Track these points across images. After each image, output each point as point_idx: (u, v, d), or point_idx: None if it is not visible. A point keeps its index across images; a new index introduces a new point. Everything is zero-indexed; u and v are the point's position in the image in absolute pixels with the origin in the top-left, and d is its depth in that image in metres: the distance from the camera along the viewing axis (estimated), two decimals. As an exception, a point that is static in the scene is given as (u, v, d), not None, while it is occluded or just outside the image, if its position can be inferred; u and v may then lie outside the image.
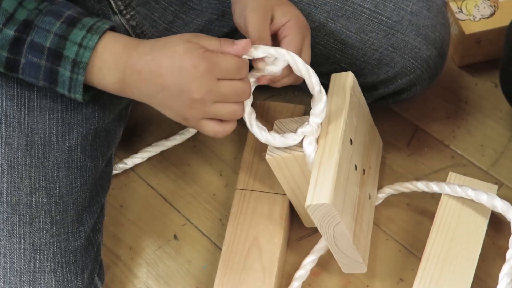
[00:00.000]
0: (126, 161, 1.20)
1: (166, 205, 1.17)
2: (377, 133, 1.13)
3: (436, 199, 1.07)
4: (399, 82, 1.09)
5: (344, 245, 0.95)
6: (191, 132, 1.22)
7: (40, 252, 0.95)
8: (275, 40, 0.95)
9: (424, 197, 1.12)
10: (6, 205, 0.95)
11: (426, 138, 1.20)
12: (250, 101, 0.94)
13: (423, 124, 1.22)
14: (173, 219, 1.15)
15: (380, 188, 1.11)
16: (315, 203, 0.90)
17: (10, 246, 0.95)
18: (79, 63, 0.90)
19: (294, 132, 0.95)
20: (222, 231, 1.11)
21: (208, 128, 0.92)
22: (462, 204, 1.04)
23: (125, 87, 0.92)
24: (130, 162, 1.20)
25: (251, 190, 1.09)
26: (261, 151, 1.12)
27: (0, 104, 0.98)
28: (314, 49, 1.00)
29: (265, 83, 0.95)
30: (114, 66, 0.91)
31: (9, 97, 0.98)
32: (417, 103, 1.23)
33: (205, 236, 1.13)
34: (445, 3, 1.12)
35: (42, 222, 0.96)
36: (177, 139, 1.22)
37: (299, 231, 1.11)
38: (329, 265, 1.07)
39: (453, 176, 1.08)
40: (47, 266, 0.95)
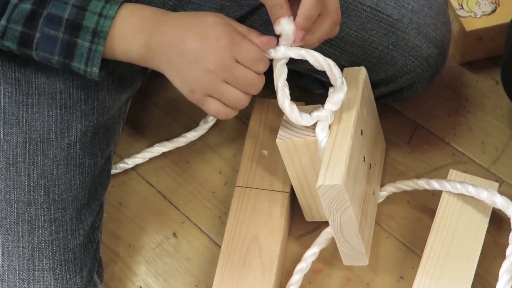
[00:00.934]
0: (127, 160, 1.19)
1: (165, 203, 1.17)
2: (381, 134, 1.13)
3: (436, 196, 1.07)
4: (399, 80, 1.09)
5: (350, 233, 0.95)
6: (194, 135, 1.21)
7: (38, 250, 0.95)
8: None
9: (424, 194, 1.12)
10: (4, 203, 0.95)
11: (426, 136, 1.20)
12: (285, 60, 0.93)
13: (424, 122, 1.21)
14: (172, 217, 1.15)
15: (381, 186, 1.10)
16: (327, 184, 0.89)
17: (9, 244, 0.94)
18: (99, 33, 0.90)
19: (309, 114, 0.96)
20: (221, 228, 1.11)
21: (211, 106, 0.92)
22: (463, 202, 1.04)
23: (148, 51, 0.92)
24: (131, 162, 1.19)
25: (251, 188, 1.08)
26: (260, 148, 1.12)
27: (-2, 101, 0.97)
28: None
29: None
30: (141, 30, 0.91)
31: (7, 93, 0.97)
32: (418, 101, 1.23)
33: (205, 234, 1.13)
34: (446, 1, 1.12)
35: (41, 220, 0.96)
36: (180, 141, 1.20)
37: (299, 229, 1.10)
38: (329, 263, 1.07)
39: (453, 173, 1.07)
40: (45, 264, 0.95)
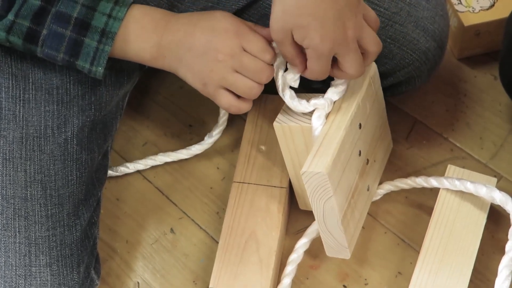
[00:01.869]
0: (128, 165, 1.18)
1: (162, 199, 1.16)
2: (389, 134, 1.12)
3: (434, 192, 1.07)
4: (398, 74, 1.08)
5: (332, 224, 0.95)
6: (199, 148, 1.19)
7: (35, 246, 0.95)
8: None
9: (422, 190, 1.12)
10: (1, 199, 0.95)
11: (425, 131, 1.20)
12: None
13: (422, 117, 1.21)
14: (170, 213, 1.15)
15: (379, 183, 1.10)
16: (311, 171, 0.90)
17: (5, 240, 0.94)
18: (108, 33, 0.92)
19: (308, 101, 0.96)
20: (219, 224, 1.11)
21: (224, 99, 0.94)
22: (461, 198, 1.04)
23: (160, 49, 0.94)
24: (132, 167, 1.18)
25: (249, 183, 1.08)
26: (258, 144, 1.12)
27: (-6, 96, 0.97)
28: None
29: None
30: (153, 30, 0.94)
31: (3, 89, 0.97)
32: (416, 96, 1.23)
33: (202, 230, 1.13)
34: (444, -5, 1.11)
35: (38, 215, 0.96)
36: (183, 153, 1.19)
37: (297, 225, 1.10)
38: (327, 259, 1.07)
39: (452, 168, 1.07)
40: (42, 260, 0.95)
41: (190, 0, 1.06)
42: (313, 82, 1.18)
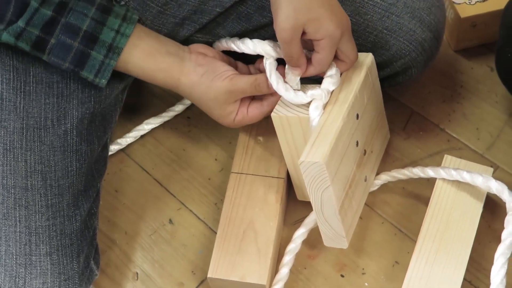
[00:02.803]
0: (119, 141, 1.20)
1: (161, 190, 1.17)
2: (386, 125, 1.13)
3: (431, 182, 1.08)
4: (394, 65, 1.09)
5: (330, 214, 0.95)
6: (177, 110, 1.24)
7: (35, 235, 0.95)
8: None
9: (419, 180, 1.12)
10: (1, 188, 0.95)
11: (422, 122, 1.20)
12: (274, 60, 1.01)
13: (419, 108, 1.22)
14: (168, 204, 1.15)
15: (376, 173, 1.10)
16: (309, 161, 0.90)
17: (6, 229, 0.95)
18: (115, 48, 0.95)
19: (305, 92, 0.98)
20: (217, 215, 1.11)
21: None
22: (457, 188, 1.05)
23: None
24: (123, 142, 1.20)
25: (246, 174, 1.09)
26: (256, 135, 1.12)
27: (-4, 88, 0.98)
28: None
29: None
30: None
31: (5, 80, 0.98)
32: (413, 87, 1.23)
33: (201, 221, 1.13)
34: (440, -15, 1.12)
35: (38, 205, 0.96)
36: (168, 115, 1.24)
37: (295, 215, 1.11)
38: (325, 249, 1.08)
39: (448, 159, 1.08)
40: (42, 249, 0.96)
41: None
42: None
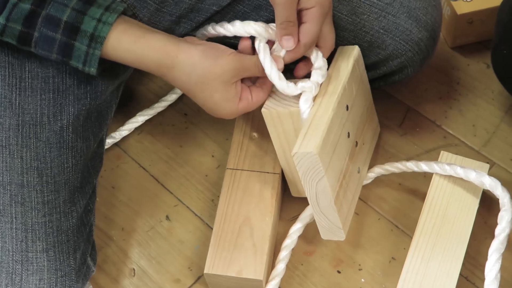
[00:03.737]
0: (113, 135, 1.20)
1: (158, 186, 1.17)
2: (375, 116, 1.13)
3: (428, 178, 1.08)
4: (390, 64, 1.09)
5: (326, 204, 0.95)
6: (170, 99, 1.25)
7: (32, 232, 0.95)
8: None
9: (416, 176, 1.13)
10: (-3, 185, 0.96)
11: (418, 119, 1.21)
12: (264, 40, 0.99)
13: (415, 105, 1.22)
14: (165, 200, 1.16)
15: (371, 167, 1.11)
16: (302, 151, 0.91)
17: (2, 226, 0.95)
18: (97, 38, 0.92)
19: (295, 84, 0.98)
20: (214, 211, 1.11)
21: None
22: (453, 184, 1.05)
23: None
24: (118, 135, 1.21)
25: (242, 170, 1.09)
26: (251, 131, 1.12)
27: (-10, 84, 0.98)
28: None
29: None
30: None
31: (0, 77, 0.98)
32: (410, 84, 1.23)
33: (197, 217, 1.13)
34: (436, -15, 1.12)
35: (34, 201, 0.96)
36: (161, 106, 1.24)
37: (291, 212, 1.11)
38: (322, 245, 1.08)
39: (444, 155, 1.08)
40: (39, 245, 0.96)
41: None
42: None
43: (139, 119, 1.22)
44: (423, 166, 1.06)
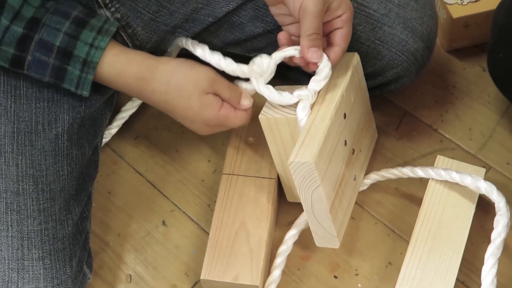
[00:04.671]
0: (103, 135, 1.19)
1: (154, 191, 1.17)
2: (373, 123, 1.13)
3: (424, 183, 1.08)
4: (386, 74, 1.09)
5: (321, 213, 0.95)
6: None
7: (28, 240, 0.95)
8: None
9: (412, 181, 1.12)
10: (-7, 193, 0.95)
11: (414, 123, 1.20)
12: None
13: (412, 109, 1.22)
14: (162, 205, 1.15)
15: (366, 173, 1.11)
16: (298, 161, 0.91)
17: (-3, 234, 0.95)
18: (90, 63, 0.93)
19: (291, 93, 0.97)
20: (210, 216, 1.11)
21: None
22: (449, 189, 1.05)
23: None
24: (107, 135, 1.19)
25: (238, 175, 1.09)
26: (247, 135, 1.12)
27: (-15, 92, 0.98)
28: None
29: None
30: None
31: (-5, 84, 0.98)
32: (406, 88, 1.23)
33: (194, 222, 1.13)
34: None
35: (30, 209, 0.96)
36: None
37: (287, 217, 1.11)
38: (318, 250, 1.08)
39: (441, 159, 1.08)
40: (35, 253, 0.95)
41: (180, 1, 1.07)
42: (304, 79, 1.19)
43: (123, 115, 1.20)
44: (419, 172, 1.06)
